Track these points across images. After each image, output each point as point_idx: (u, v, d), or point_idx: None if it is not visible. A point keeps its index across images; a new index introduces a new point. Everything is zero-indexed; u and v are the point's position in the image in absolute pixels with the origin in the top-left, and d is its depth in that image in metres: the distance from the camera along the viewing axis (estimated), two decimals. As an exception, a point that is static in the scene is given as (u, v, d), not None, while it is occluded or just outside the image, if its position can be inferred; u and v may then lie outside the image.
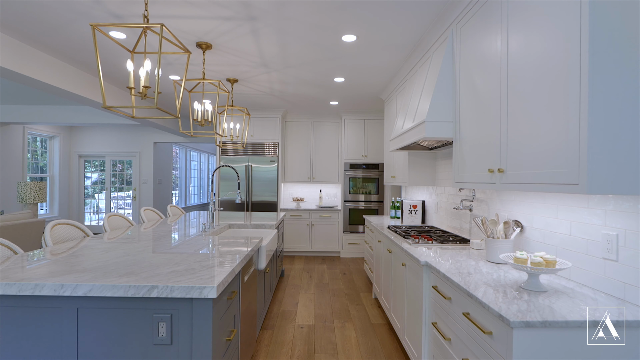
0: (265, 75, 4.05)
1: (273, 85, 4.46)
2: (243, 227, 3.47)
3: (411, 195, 4.50)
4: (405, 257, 2.48)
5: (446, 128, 2.41)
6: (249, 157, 5.98)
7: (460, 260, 2.05)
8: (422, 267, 2.09)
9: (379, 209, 6.03)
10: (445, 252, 2.30)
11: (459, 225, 2.97)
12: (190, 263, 1.75)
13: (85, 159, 7.98)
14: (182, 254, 1.96)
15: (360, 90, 4.65)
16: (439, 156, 3.50)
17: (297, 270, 5.10)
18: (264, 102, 5.45)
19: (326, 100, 5.23)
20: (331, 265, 5.41)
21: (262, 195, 5.97)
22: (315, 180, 6.31)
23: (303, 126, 6.33)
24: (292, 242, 6.05)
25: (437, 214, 3.55)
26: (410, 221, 3.83)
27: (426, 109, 2.46)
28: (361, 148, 6.06)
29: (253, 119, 5.97)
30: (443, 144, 3.03)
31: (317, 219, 6.03)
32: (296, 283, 4.43)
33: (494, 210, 2.38)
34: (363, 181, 6.03)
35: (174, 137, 7.87)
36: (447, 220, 3.25)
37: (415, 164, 3.62)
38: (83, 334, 1.40)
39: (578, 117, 1.24)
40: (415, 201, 3.85)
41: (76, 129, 7.82)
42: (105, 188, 7.93)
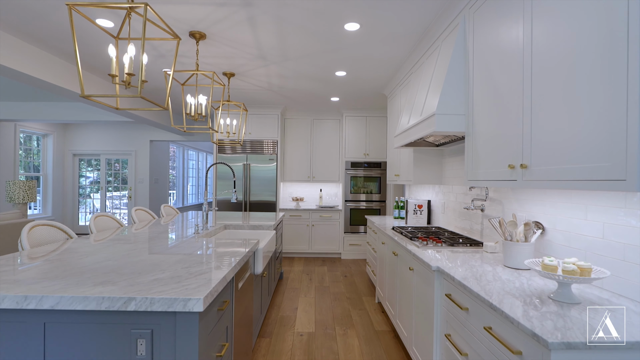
0: (263, 69, 3.87)
1: (271, 80, 4.28)
2: (239, 227, 3.29)
3: (415, 194, 4.33)
4: (413, 261, 2.30)
5: (457, 121, 2.23)
6: (247, 155, 5.80)
7: (475, 266, 1.87)
8: (433, 272, 1.91)
9: (381, 209, 5.86)
10: (457, 255, 2.12)
11: (469, 226, 2.79)
12: (176, 270, 1.57)
13: (80, 158, 7.80)
14: (169, 258, 1.78)
15: (363, 85, 4.47)
16: (446, 153, 3.32)
17: (297, 272, 4.92)
18: (262, 99, 5.27)
19: (327, 96, 5.05)
20: (332, 267, 5.23)
21: (260, 195, 5.79)
22: (315, 180, 6.14)
23: (303, 123, 6.15)
24: (291, 243, 5.87)
25: (444, 214, 3.37)
26: (416, 222, 3.65)
27: (436, 102, 2.28)
28: (363, 146, 5.88)
29: (251, 116, 5.78)
30: (452, 140, 2.85)
31: (317, 219, 5.85)
32: (295, 286, 4.26)
33: (510, 210, 2.21)
34: (364, 180, 5.85)
35: (170, 136, 7.69)
36: (456, 220, 3.07)
37: (421, 161, 3.44)
38: (51, 352, 1.22)
39: (626, 105, 1.06)
40: (420, 201, 3.67)
41: (70, 127, 7.64)
42: (101, 187, 7.74)
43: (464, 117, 2.23)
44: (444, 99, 2.25)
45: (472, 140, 2.14)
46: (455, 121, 2.23)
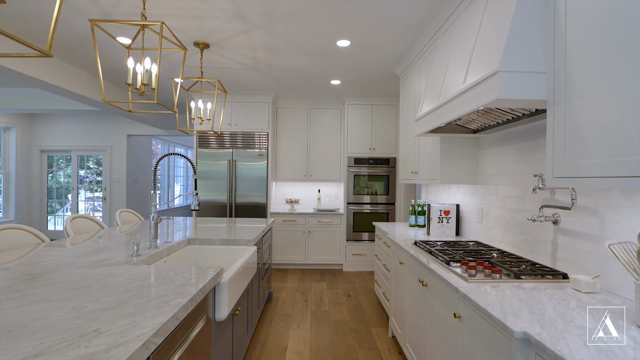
0: (244, 36, 3.02)
1: (257, 54, 3.44)
2: (208, 243, 2.45)
3: (435, 196, 3.49)
4: (462, 305, 1.46)
5: (534, 83, 1.40)
6: (233, 150, 4.96)
7: (584, 326, 1.03)
8: (513, 341, 1.07)
9: (389, 213, 5.01)
10: (534, 297, 1.30)
11: (525, 242, 1.95)
12: (34, 346, 0.73)
13: (48, 154, 6.95)
14: (49, 314, 0.94)
15: (370, 61, 3.63)
16: (485, 142, 2.49)
17: (290, 290, 4.09)
18: (250, 82, 4.43)
19: (326, 78, 4.21)
20: (332, 283, 4.39)
21: (249, 196, 4.95)
22: (312, 179, 5.30)
23: (298, 113, 5.30)
24: (284, 252, 5.03)
25: (481, 223, 2.54)
26: (441, 232, 2.82)
27: (497, 56, 1.44)
28: (368, 140, 5.04)
29: (237, 104, 4.94)
30: (503, 122, 2.01)
31: (315, 224, 5.01)
32: (287, 311, 3.42)
33: (617, 226, 1.37)
34: (370, 179, 5.01)
35: (151, 130, 6.85)
36: (501, 233, 2.23)
37: (450, 153, 2.61)
38: None
39: None
40: (446, 205, 2.84)
41: (37, 119, 6.78)
42: (72, 188, 6.89)
43: (543, 77, 1.39)
44: (509, 51, 1.41)
45: (564, 112, 1.30)
46: (532, 83, 1.40)
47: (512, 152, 2.16)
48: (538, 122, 1.89)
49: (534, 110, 1.71)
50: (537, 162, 1.90)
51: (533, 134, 1.94)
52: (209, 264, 2.41)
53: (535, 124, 1.91)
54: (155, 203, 2.05)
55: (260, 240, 2.92)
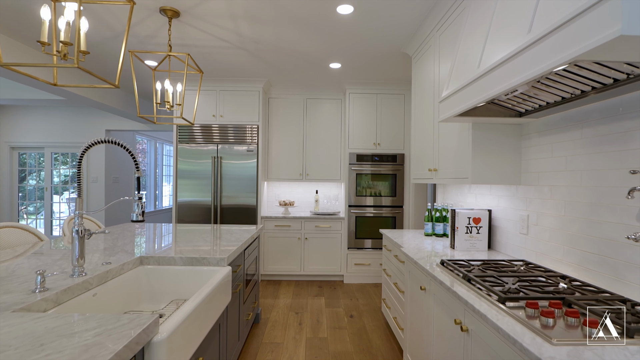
0: (222, 1, 2.42)
1: (240, 27, 2.83)
2: (167, 262, 1.85)
3: (454, 198, 2.89)
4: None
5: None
6: (219, 146, 4.35)
7: None
8: None
9: (396, 217, 4.41)
10: None
11: (605, 266, 1.35)
12: None
13: (19, 152, 6.33)
14: None
15: (376, 34, 3.03)
16: (531, 130, 1.89)
17: (282, 308, 3.48)
18: (235, 66, 3.82)
19: (324, 60, 3.60)
20: (331, 299, 3.80)
21: (236, 198, 4.34)
22: (309, 178, 4.69)
23: (293, 104, 4.70)
24: (277, 262, 4.42)
25: (527, 236, 1.94)
26: (470, 245, 2.22)
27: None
28: (372, 133, 4.44)
29: (223, 93, 4.34)
30: (570, 98, 1.42)
31: (312, 230, 4.41)
32: (277, 339, 2.81)
33: None
34: (374, 178, 4.41)
35: (134, 124, 6.23)
36: (561, 250, 1.64)
37: (484, 145, 2.01)
38: None
39: None
40: (475, 212, 2.24)
41: (5, 112, 6.17)
42: (45, 189, 6.28)
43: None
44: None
45: None
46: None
47: (579, 140, 1.56)
48: (633, 94, 1.29)
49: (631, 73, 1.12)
50: (631, 153, 1.31)
51: (621, 113, 1.35)
52: (165, 291, 1.81)
53: (629, 95, 1.32)
54: (80, 212, 1.45)
55: (240, 255, 2.32)
